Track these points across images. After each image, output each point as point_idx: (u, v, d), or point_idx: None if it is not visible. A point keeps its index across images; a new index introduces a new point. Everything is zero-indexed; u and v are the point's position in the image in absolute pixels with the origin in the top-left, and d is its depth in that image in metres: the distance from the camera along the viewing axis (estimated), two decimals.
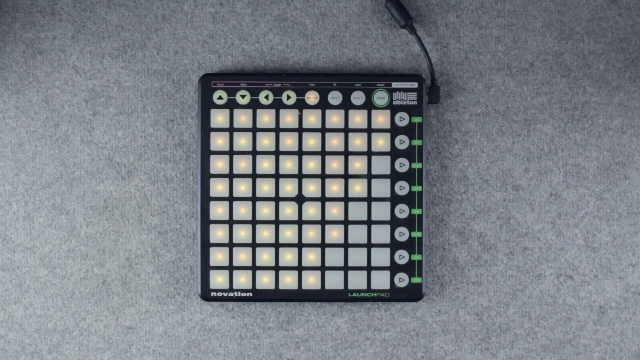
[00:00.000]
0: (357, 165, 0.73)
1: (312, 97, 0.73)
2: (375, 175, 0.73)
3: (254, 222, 0.73)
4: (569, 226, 0.75)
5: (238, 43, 0.75)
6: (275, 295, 0.72)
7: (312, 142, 0.73)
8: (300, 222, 0.73)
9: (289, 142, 0.73)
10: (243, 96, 0.73)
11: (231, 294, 0.72)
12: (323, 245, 0.73)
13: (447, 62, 0.75)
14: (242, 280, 0.72)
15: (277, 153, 0.73)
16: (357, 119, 0.73)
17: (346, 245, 0.73)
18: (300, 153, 0.73)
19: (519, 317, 0.75)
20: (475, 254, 0.75)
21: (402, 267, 0.73)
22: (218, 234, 0.72)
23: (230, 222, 0.73)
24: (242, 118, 0.73)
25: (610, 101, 0.75)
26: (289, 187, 0.73)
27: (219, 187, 0.72)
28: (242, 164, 0.73)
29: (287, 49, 0.75)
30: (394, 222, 0.73)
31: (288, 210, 0.73)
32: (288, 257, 0.73)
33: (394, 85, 0.73)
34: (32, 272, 0.74)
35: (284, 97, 0.73)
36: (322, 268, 0.73)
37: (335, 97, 0.73)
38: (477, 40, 0.75)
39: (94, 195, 0.74)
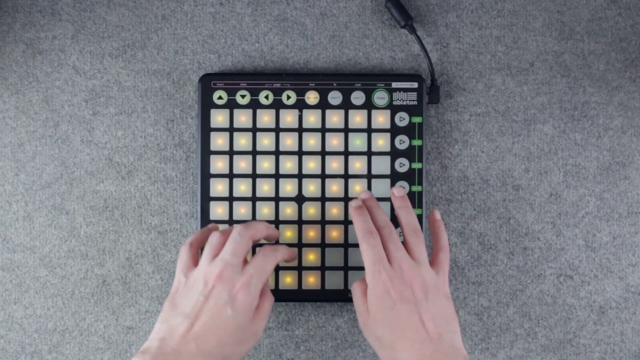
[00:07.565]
0: (357, 165, 0.73)
1: (312, 97, 0.73)
2: (375, 175, 0.73)
3: None
4: (569, 226, 0.75)
5: (238, 43, 0.75)
6: (276, 295, 0.72)
7: (312, 142, 0.73)
8: (300, 222, 0.73)
9: (289, 142, 0.73)
10: (243, 96, 0.73)
11: None
12: (323, 245, 0.73)
13: (447, 62, 0.75)
14: None
15: (277, 153, 0.73)
16: (357, 119, 0.73)
17: (346, 245, 0.73)
18: (300, 153, 0.73)
19: (519, 317, 0.75)
20: (475, 254, 0.75)
21: None
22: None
23: (230, 222, 0.72)
24: (242, 118, 0.73)
25: (610, 101, 0.75)
26: (289, 187, 0.73)
27: (219, 187, 0.72)
28: (242, 164, 0.73)
29: (287, 49, 0.75)
30: (394, 222, 0.72)
31: (288, 210, 0.73)
32: None
33: (394, 85, 0.73)
34: (32, 272, 0.74)
35: (284, 97, 0.73)
36: (322, 268, 0.73)
37: (335, 97, 0.73)
38: (477, 40, 0.75)
39: (94, 195, 0.74)
